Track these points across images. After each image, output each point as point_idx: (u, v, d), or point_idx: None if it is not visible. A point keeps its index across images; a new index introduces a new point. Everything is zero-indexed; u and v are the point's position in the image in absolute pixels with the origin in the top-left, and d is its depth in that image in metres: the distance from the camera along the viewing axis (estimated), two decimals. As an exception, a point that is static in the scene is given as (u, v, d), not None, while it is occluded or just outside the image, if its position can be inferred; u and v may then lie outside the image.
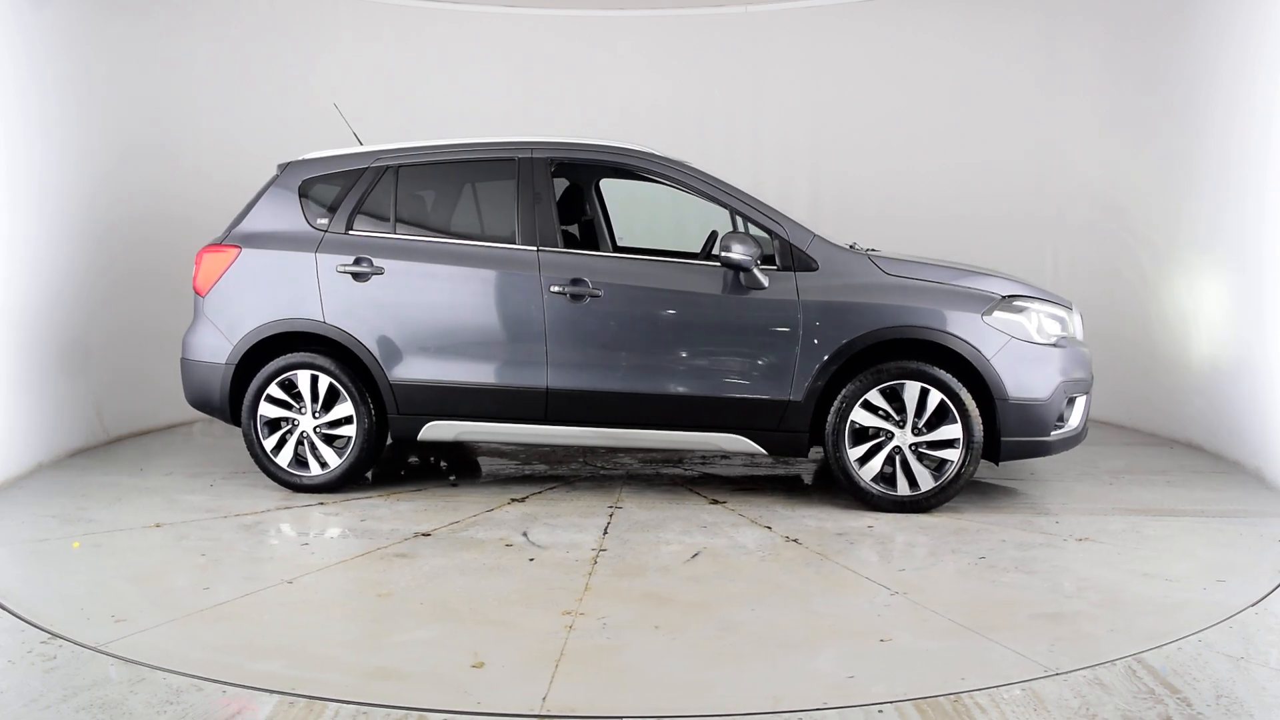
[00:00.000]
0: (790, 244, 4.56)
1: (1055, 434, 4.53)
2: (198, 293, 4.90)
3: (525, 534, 4.19)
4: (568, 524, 4.33)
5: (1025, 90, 7.17)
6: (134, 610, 3.34)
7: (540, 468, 5.45)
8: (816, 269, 4.53)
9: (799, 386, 4.49)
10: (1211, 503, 4.66)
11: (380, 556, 3.90)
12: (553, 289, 4.59)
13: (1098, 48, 6.71)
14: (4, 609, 3.29)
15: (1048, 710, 2.64)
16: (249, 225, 4.92)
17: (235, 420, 4.87)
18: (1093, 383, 4.75)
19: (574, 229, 5.53)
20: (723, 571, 3.73)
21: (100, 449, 5.78)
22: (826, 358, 4.46)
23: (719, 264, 4.49)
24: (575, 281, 4.59)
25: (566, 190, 5.48)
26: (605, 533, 4.22)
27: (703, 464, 5.49)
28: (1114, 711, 2.63)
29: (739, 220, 4.85)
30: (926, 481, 4.46)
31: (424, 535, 4.19)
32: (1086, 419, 4.73)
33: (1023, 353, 4.43)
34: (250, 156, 6.31)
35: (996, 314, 4.45)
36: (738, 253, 4.41)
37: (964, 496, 4.75)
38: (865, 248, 5.34)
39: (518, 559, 3.87)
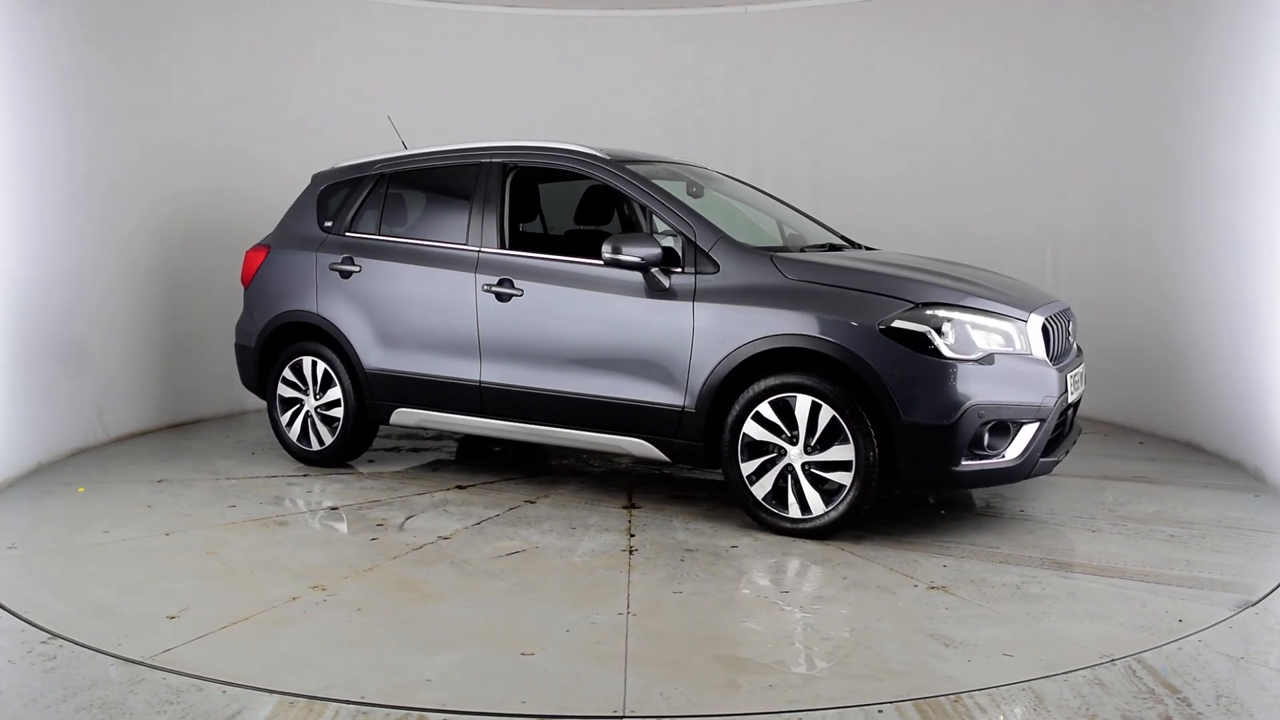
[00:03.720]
0: (695, 245, 4.36)
1: (971, 465, 3.91)
2: (244, 285, 5.72)
3: (409, 518, 4.45)
4: (462, 513, 4.52)
5: (1026, 88, 6.94)
6: (31, 542, 4.11)
7: (549, 460, 5.64)
8: (716, 271, 4.30)
9: (692, 394, 4.29)
10: (1182, 566, 3.74)
11: (264, 523, 4.38)
12: (484, 288, 4.79)
13: (1099, 43, 6.49)
14: (3, 609, 3.38)
15: (1048, 710, 2.62)
16: (281, 228, 5.65)
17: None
18: (1053, 408, 4.01)
19: (612, 229, 5.66)
20: (509, 570, 3.75)
21: (230, 418, 6.86)
22: (715, 365, 4.22)
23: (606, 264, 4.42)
24: (502, 281, 4.75)
25: (591, 191, 5.60)
26: (478, 524, 4.36)
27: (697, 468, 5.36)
28: (1114, 711, 2.61)
29: (655, 220, 4.70)
30: (818, 505, 4.07)
31: (331, 509, 4.62)
32: (1038, 450, 4.00)
33: (925, 368, 3.88)
34: (251, 158, 6.74)
35: (898, 323, 3.93)
36: (624, 253, 4.32)
37: (898, 522, 4.23)
38: (867, 247, 4.96)
39: (364, 538, 4.16)
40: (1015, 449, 3.98)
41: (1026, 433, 3.99)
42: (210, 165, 6.61)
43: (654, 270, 4.36)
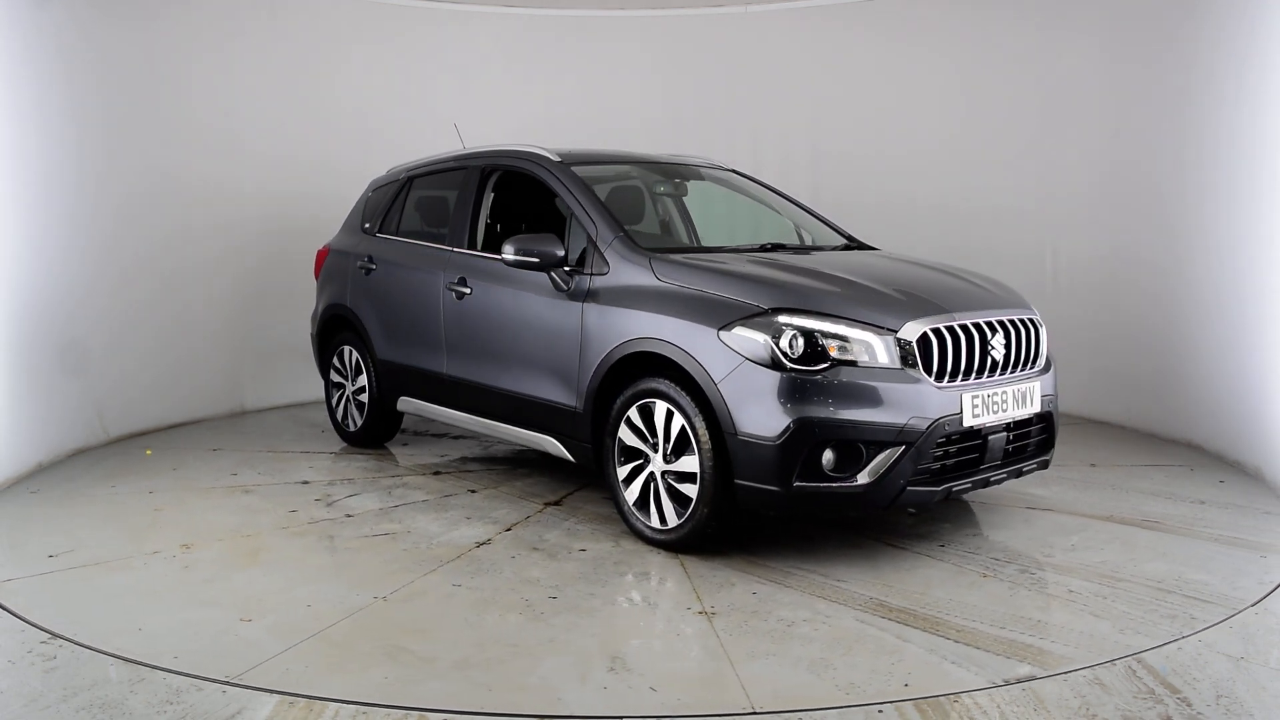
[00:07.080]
0: (595, 245, 4.33)
1: (808, 487, 3.56)
2: (316, 280, 6.41)
3: (350, 496, 4.83)
4: (398, 496, 4.82)
5: (1025, 88, 6.84)
6: (51, 489, 4.94)
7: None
8: (606, 272, 4.24)
9: (581, 395, 4.28)
10: (1021, 627, 3.17)
11: (232, 490, 4.94)
12: (447, 286, 5.06)
13: (1100, 42, 6.39)
14: (3, 609, 3.39)
15: (1048, 710, 2.65)
16: (342, 228, 6.27)
17: (330, 381, 6.27)
18: (925, 430, 3.54)
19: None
20: (355, 550, 3.99)
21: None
22: (596, 367, 4.18)
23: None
24: (460, 280, 4.99)
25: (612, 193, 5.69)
26: (397, 506, 4.64)
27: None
28: (1114, 711, 2.64)
29: (572, 220, 4.65)
30: (672, 517, 3.90)
31: (303, 483, 5.10)
32: (902, 476, 3.55)
33: (758, 378, 3.59)
34: (248, 159, 6.86)
35: (738, 329, 3.67)
36: (523, 253, 4.38)
37: (794, 544, 3.94)
38: (870, 246, 4.74)
39: (284, 510, 4.58)
40: (868, 474, 3.56)
41: (885, 456, 3.56)
42: (212, 166, 6.67)
43: (553, 271, 4.39)
